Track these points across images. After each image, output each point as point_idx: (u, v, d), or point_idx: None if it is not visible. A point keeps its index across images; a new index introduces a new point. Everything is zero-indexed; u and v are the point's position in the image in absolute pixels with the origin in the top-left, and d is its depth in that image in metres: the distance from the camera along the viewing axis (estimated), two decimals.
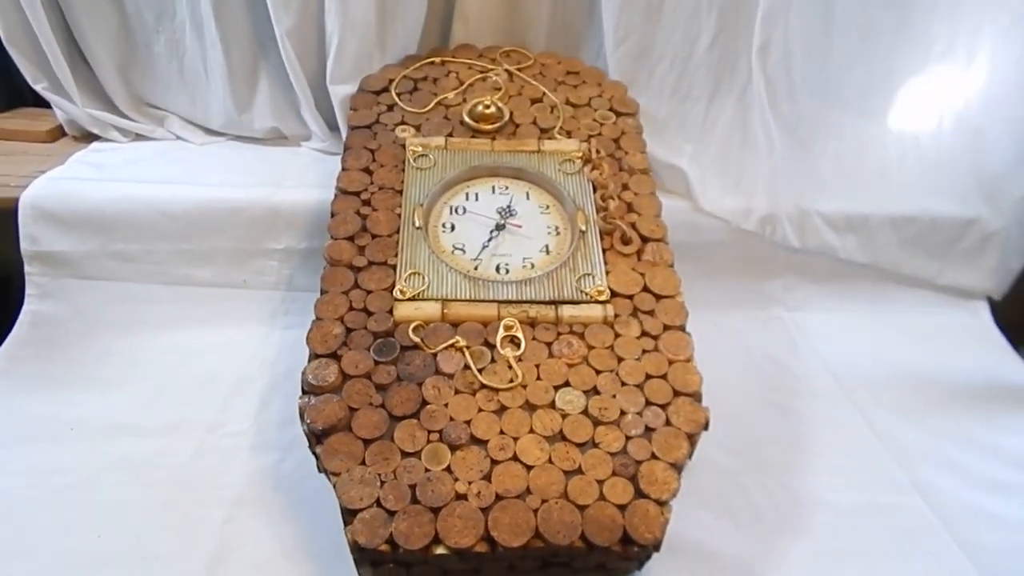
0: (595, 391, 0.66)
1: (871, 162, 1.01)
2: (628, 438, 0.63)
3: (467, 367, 0.66)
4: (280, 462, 0.76)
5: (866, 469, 0.79)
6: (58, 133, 1.09)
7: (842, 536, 0.71)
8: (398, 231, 0.76)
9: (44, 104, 1.08)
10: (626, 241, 0.77)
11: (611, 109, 0.92)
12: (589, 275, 0.73)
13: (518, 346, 0.68)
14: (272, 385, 0.85)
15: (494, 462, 0.61)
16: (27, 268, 0.91)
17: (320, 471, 0.63)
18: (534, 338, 0.69)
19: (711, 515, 0.73)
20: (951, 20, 0.95)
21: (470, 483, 0.60)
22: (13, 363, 0.86)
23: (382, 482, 0.59)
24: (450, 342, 0.67)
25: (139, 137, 1.08)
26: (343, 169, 0.82)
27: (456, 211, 0.79)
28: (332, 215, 0.77)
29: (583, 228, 0.77)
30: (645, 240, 0.77)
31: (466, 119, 0.87)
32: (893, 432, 0.83)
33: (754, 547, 0.70)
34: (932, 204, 0.99)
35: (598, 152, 0.83)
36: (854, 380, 0.90)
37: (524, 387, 0.65)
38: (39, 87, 1.02)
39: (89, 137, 1.07)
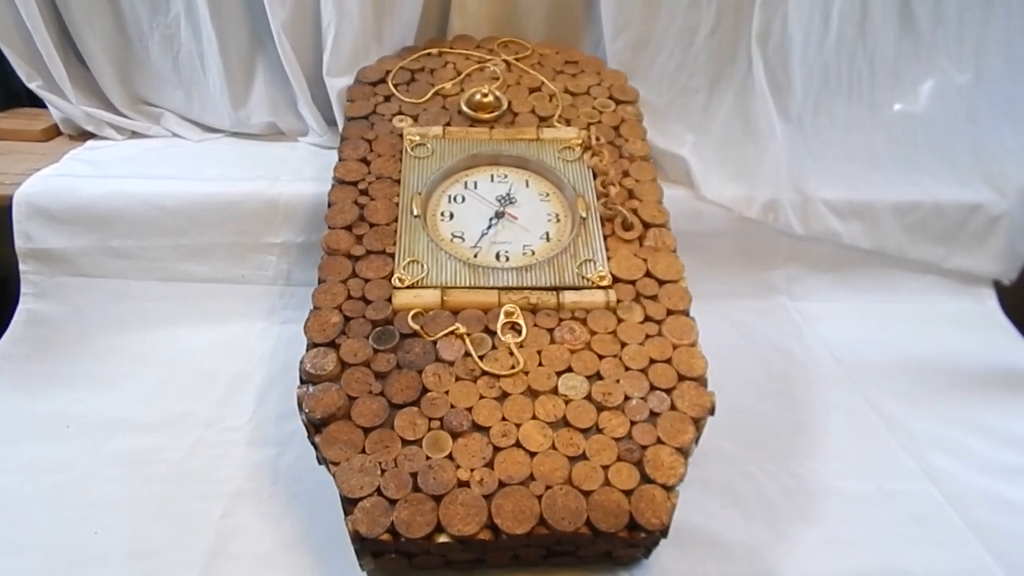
0: (598, 376, 0.65)
1: (872, 148, 1.00)
2: (633, 423, 0.62)
3: (467, 354, 0.65)
4: (279, 456, 0.75)
5: (874, 455, 0.78)
6: (53, 132, 1.08)
7: (851, 523, 0.70)
8: (396, 220, 0.75)
9: (40, 105, 1.07)
10: (627, 227, 0.76)
11: (611, 97, 0.91)
12: (590, 261, 0.72)
13: (519, 332, 0.67)
14: (270, 379, 0.84)
15: (496, 449, 0.60)
16: (22, 266, 0.90)
17: (319, 461, 0.62)
18: (535, 324, 0.68)
19: (718, 503, 0.71)
20: (950, 7, 0.94)
21: (472, 470, 0.58)
22: (9, 361, 0.85)
23: (382, 471, 0.58)
24: (450, 329, 0.66)
25: (135, 135, 1.07)
26: (340, 159, 0.81)
27: (455, 199, 0.78)
28: (329, 205, 0.76)
29: (583, 215, 0.76)
30: (647, 226, 0.76)
31: (464, 108, 0.86)
32: (900, 418, 0.82)
33: (763, 535, 0.68)
34: (935, 189, 0.98)
35: (598, 139, 0.82)
36: (860, 367, 0.89)
37: (526, 373, 0.64)
38: (33, 85, 1.02)
39: (84, 136, 1.06)
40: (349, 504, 0.57)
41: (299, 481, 0.72)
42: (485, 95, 0.86)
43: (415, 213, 0.75)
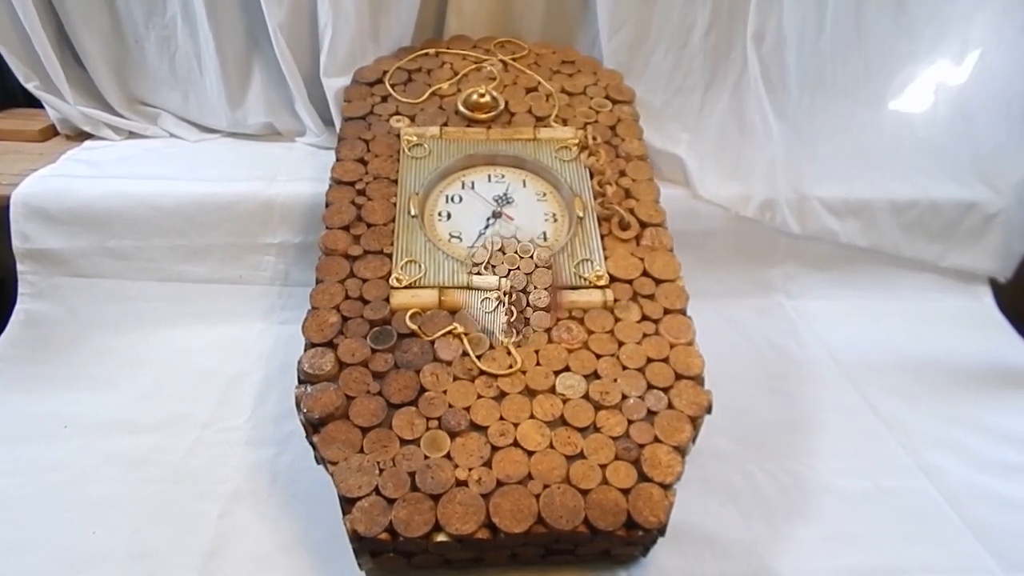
0: (596, 375, 0.65)
1: (868, 147, 1.01)
2: (630, 422, 0.62)
3: (465, 354, 0.65)
4: (277, 456, 0.75)
5: (871, 453, 0.78)
6: (50, 132, 1.08)
7: (849, 521, 0.70)
8: (393, 220, 0.75)
9: (37, 105, 1.07)
10: (624, 226, 0.76)
11: (607, 97, 0.91)
12: (587, 260, 0.72)
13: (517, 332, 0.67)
14: (268, 380, 0.84)
15: (494, 448, 0.60)
16: (19, 266, 0.90)
17: (317, 461, 0.62)
18: None
19: (716, 501, 0.71)
20: (944, 5, 0.95)
21: (470, 469, 0.59)
22: (6, 362, 0.85)
23: (381, 470, 0.58)
24: (447, 329, 0.66)
25: (132, 135, 1.07)
26: (337, 159, 0.81)
27: (452, 199, 0.78)
28: (327, 205, 0.77)
29: (580, 214, 0.76)
30: (644, 225, 0.76)
31: (461, 109, 0.86)
32: (898, 416, 0.82)
33: (760, 533, 0.69)
34: (931, 187, 0.99)
35: (595, 139, 0.83)
36: (857, 366, 0.89)
37: (523, 373, 0.64)
38: (30, 86, 1.02)
39: (82, 136, 1.06)
40: (347, 503, 0.57)
41: (297, 481, 0.72)
42: (482, 95, 0.86)
43: (412, 213, 0.75)
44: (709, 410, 0.64)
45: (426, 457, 0.59)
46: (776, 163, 0.96)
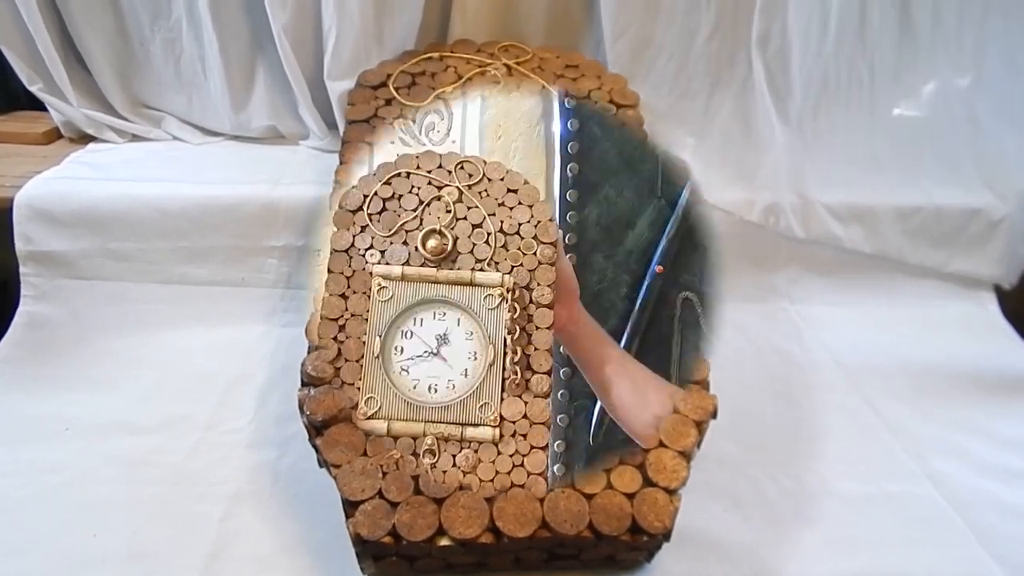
0: None
1: (872, 152, 1.01)
2: None
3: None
4: (279, 458, 0.75)
5: (876, 458, 0.78)
6: (54, 135, 1.08)
7: (853, 525, 0.70)
8: None
9: (40, 107, 1.07)
10: None
11: (611, 101, 0.91)
12: None
13: None
14: (270, 382, 0.84)
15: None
16: (22, 268, 0.90)
17: (320, 464, 0.62)
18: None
19: (721, 506, 0.71)
20: (949, 10, 0.95)
21: None
22: (8, 364, 0.85)
23: (384, 473, 0.58)
24: None
25: (135, 138, 1.07)
26: (341, 163, 0.81)
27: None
28: (331, 207, 0.76)
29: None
30: None
31: None
32: (902, 422, 0.82)
33: (765, 537, 0.68)
34: (935, 193, 0.99)
35: None
36: (861, 371, 0.89)
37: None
38: (34, 88, 1.02)
39: (85, 139, 1.06)
40: (350, 507, 0.57)
41: (299, 483, 0.72)
42: None
43: None
44: (714, 415, 0.63)
45: None
46: (780, 168, 0.97)
